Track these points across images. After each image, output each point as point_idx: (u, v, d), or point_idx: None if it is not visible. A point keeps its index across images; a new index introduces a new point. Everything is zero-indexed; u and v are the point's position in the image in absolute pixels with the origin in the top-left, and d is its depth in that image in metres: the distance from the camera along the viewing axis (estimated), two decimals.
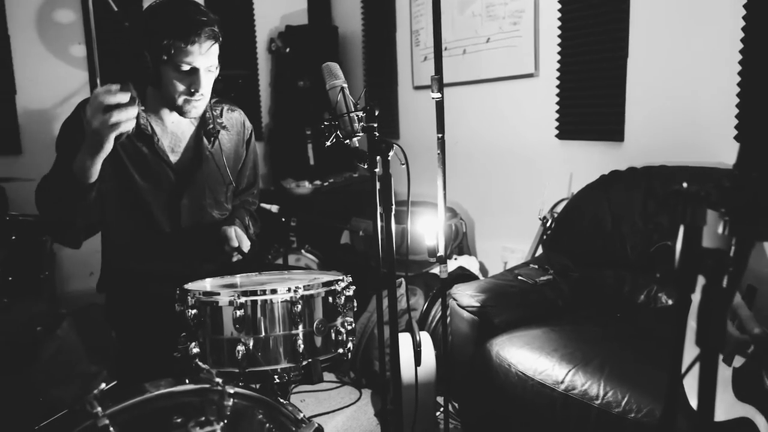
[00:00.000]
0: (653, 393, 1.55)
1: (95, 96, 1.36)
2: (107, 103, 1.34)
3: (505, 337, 2.00)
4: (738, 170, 0.79)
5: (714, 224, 0.77)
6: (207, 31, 1.57)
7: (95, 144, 1.40)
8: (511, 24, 3.09)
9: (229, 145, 1.90)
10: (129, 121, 1.37)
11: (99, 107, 1.34)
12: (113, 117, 1.34)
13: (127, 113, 1.36)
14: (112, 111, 1.34)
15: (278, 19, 4.34)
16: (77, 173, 1.46)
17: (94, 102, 1.35)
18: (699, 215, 0.77)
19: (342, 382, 2.77)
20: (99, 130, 1.36)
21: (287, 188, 3.95)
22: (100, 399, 0.98)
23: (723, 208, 0.76)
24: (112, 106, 1.34)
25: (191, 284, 1.50)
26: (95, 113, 1.35)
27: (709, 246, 0.76)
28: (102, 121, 1.34)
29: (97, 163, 1.46)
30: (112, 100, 1.34)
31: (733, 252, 0.74)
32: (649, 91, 2.54)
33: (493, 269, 3.34)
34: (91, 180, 1.49)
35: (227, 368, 1.34)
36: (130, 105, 1.36)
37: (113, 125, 1.35)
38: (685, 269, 0.76)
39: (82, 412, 0.97)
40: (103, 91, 1.35)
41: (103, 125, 1.35)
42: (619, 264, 2.35)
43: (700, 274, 0.76)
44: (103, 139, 1.38)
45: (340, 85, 1.45)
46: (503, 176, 3.30)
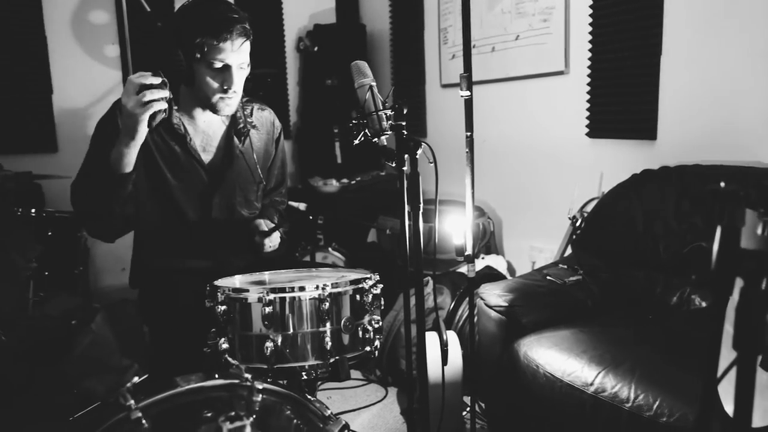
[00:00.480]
0: (686, 397, 1.52)
1: (129, 80, 1.45)
2: (140, 83, 1.43)
3: (533, 338, 1.98)
4: None
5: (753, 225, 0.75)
6: (239, 28, 1.59)
7: (130, 127, 1.47)
8: (540, 21, 3.05)
9: (259, 143, 1.92)
10: (161, 102, 1.45)
11: (133, 88, 1.44)
12: (146, 96, 1.42)
13: (159, 93, 1.44)
14: (145, 91, 1.42)
15: (307, 18, 4.37)
16: (114, 164, 1.52)
17: (128, 86, 1.45)
18: (737, 215, 0.75)
19: (368, 380, 2.77)
20: (133, 110, 1.44)
21: (315, 186, 3.97)
22: (133, 392, 1.00)
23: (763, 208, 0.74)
24: (145, 86, 1.43)
25: (221, 280, 1.52)
26: (129, 95, 1.44)
27: (748, 247, 0.74)
28: (136, 100, 1.43)
29: (132, 151, 1.52)
30: (146, 81, 1.43)
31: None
32: (683, 88, 2.48)
33: (521, 269, 3.31)
34: (128, 170, 1.54)
35: (256, 364, 1.35)
36: (162, 87, 1.46)
37: (146, 104, 1.43)
38: (723, 271, 0.74)
39: (116, 405, 0.99)
40: (137, 75, 1.45)
41: (136, 105, 1.43)
42: (651, 265, 2.30)
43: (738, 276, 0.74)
44: (137, 120, 1.45)
45: (369, 83, 1.45)
46: (532, 175, 3.26)
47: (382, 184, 4.01)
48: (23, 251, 2.52)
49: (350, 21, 4.46)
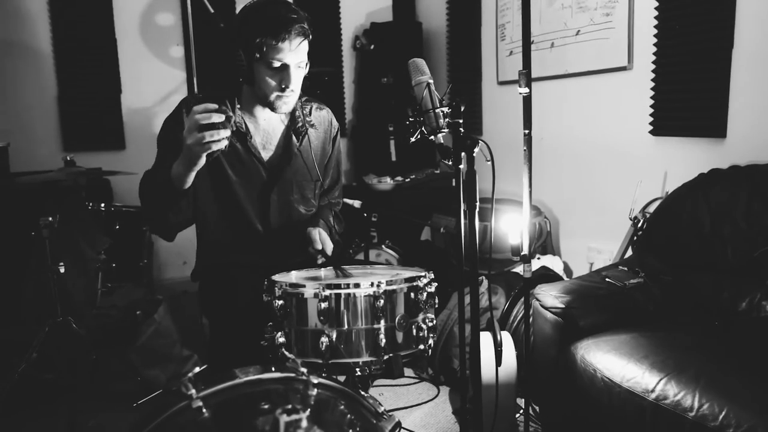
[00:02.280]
0: (756, 408, 1.44)
1: (192, 114, 1.42)
2: (202, 123, 1.40)
3: (591, 341, 1.92)
4: None
5: None
6: (297, 28, 1.62)
7: (189, 159, 1.49)
8: (603, 15, 2.96)
9: (317, 142, 1.95)
10: (222, 141, 1.42)
11: (195, 125, 1.41)
12: (207, 137, 1.40)
13: (220, 134, 1.41)
14: (206, 131, 1.40)
15: (363, 17, 4.39)
16: (174, 180, 1.56)
17: (191, 120, 1.42)
18: None
19: (420, 378, 2.77)
20: (192, 147, 1.43)
21: (369, 184, 3.99)
22: (194, 381, 1.03)
23: None
24: (207, 126, 1.40)
25: (278, 276, 1.55)
26: (191, 131, 1.42)
27: None
28: (197, 139, 1.41)
29: (190, 175, 1.55)
30: (207, 120, 1.40)
31: None
32: (756, 83, 2.36)
33: (578, 270, 3.22)
34: (185, 187, 1.58)
35: (311, 359, 1.37)
36: (224, 126, 1.42)
37: (206, 144, 1.41)
38: None
39: (177, 393, 1.02)
40: (201, 109, 1.42)
41: (197, 143, 1.42)
42: (718, 268, 2.20)
43: None
44: (197, 156, 1.47)
45: (426, 81, 1.45)
46: (591, 174, 3.17)
47: (436, 182, 4.00)
48: (93, 244, 2.65)
49: (406, 19, 4.45)
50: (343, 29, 4.31)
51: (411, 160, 4.08)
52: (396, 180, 3.97)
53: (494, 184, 1.48)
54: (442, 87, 1.51)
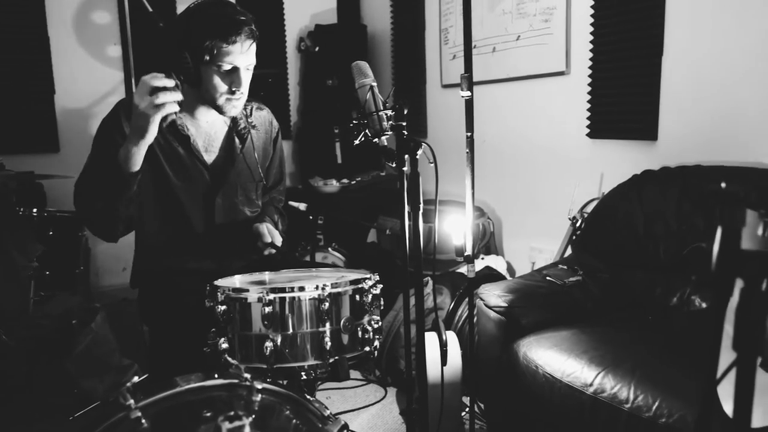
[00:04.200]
0: (685, 398, 1.52)
1: (143, 81, 1.44)
2: (154, 85, 1.42)
3: (533, 338, 1.98)
4: None
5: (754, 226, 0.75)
6: (247, 30, 1.60)
7: (141, 127, 1.47)
8: (542, 21, 3.05)
9: (259, 143, 1.92)
10: (173, 104, 1.45)
11: (146, 90, 1.43)
12: (159, 98, 1.42)
13: (173, 96, 1.44)
14: (158, 93, 1.42)
15: (308, 18, 4.37)
16: (122, 162, 1.52)
17: (141, 87, 1.44)
18: (738, 216, 0.75)
19: (367, 380, 2.77)
20: (145, 111, 1.43)
21: (315, 186, 3.97)
22: (133, 391, 1.00)
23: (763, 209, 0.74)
24: (158, 88, 1.43)
25: (221, 280, 1.52)
26: (142, 95, 1.44)
27: (749, 248, 0.74)
28: (149, 101, 1.43)
29: (141, 150, 1.52)
30: (159, 83, 1.43)
31: None
32: (684, 88, 2.48)
33: (521, 269, 3.31)
34: (135, 168, 1.54)
35: (255, 364, 1.35)
36: (175, 89, 1.46)
37: (159, 106, 1.43)
38: (723, 272, 0.74)
39: (115, 404, 0.99)
40: (150, 76, 1.45)
41: (149, 106, 1.43)
42: (652, 266, 2.30)
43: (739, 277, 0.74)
44: (149, 121, 1.45)
45: (370, 83, 1.46)
46: (532, 175, 3.26)
47: (382, 185, 4.01)
48: (24, 251, 2.52)
49: (351, 21, 4.46)
50: (287, 31, 4.28)
51: (357, 162, 4.08)
52: (342, 182, 3.96)
53: (437, 186, 1.50)
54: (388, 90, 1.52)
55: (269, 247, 1.77)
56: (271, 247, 1.77)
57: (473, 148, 1.89)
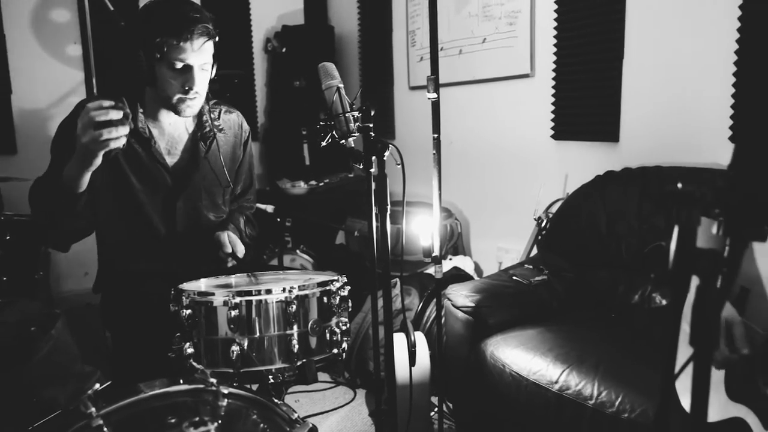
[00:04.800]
0: (647, 393, 1.56)
1: (86, 111, 1.34)
2: (98, 120, 1.32)
3: (500, 338, 2.00)
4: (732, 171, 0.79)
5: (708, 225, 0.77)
6: (200, 28, 1.57)
7: (84, 159, 1.39)
8: (507, 24, 3.09)
9: (226, 147, 1.90)
10: (120, 140, 1.35)
11: (90, 123, 1.33)
12: (104, 134, 1.33)
13: (118, 131, 1.34)
14: (103, 128, 1.33)
15: (275, 19, 4.33)
16: (66, 182, 1.46)
17: (84, 117, 1.34)
18: (693, 216, 0.77)
19: (336, 382, 2.76)
20: (88, 146, 1.35)
21: (283, 188, 3.94)
22: (94, 399, 0.98)
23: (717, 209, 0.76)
24: (102, 123, 1.33)
25: (186, 284, 1.50)
26: (86, 129, 1.34)
27: (704, 246, 0.76)
28: (92, 137, 1.33)
29: (85, 176, 1.45)
30: (103, 117, 1.32)
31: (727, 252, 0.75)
32: (644, 92, 2.55)
33: (488, 269, 3.34)
34: (79, 190, 1.48)
35: (222, 368, 1.33)
36: (122, 123, 1.34)
37: (103, 142, 1.34)
38: (680, 270, 0.76)
39: (76, 413, 0.97)
40: (95, 106, 1.34)
41: (92, 141, 1.34)
42: (614, 264, 2.36)
43: (695, 275, 0.76)
44: (92, 156, 1.38)
45: (336, 85, 1.45)
46: (499, 176, 3.30)
47: (350, 186, 4.00)
48: None
49: (318, 22, 4.44)
50: (254, 31, 4.23)
51: (325, 164, 4.06)
52: (310, 184, 3.94)
53: (405, 187, 1.51)
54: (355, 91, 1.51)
55: (231, 258, 1.74)
56: (232, 258, 1.74)
57: (440, 149, 1.91)
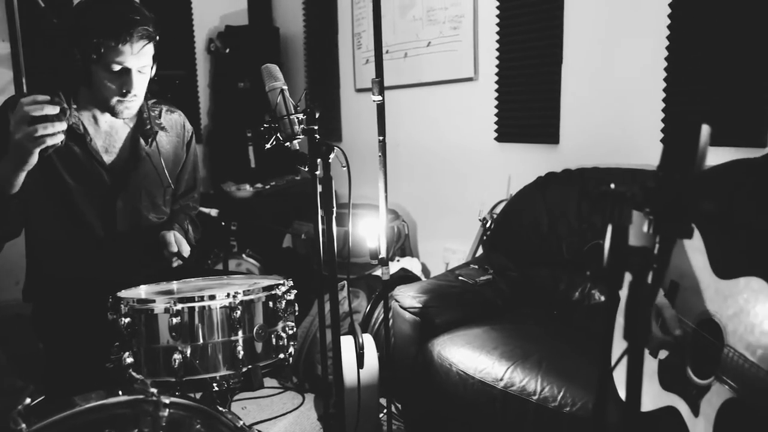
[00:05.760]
0: (587, 386, 1.61)
1: (20, 106, 1.28)
2: (33, 115, 1.26)
3: (447, 337, 2.03)
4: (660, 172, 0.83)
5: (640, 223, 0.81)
6: (140, 30, 1.52)
7: (18, 157, 1.33)
8: (451, 29, 3.14)
9: (168, 147, 1.85)
10: (56, 136, 1.30)
11: (24, 119, 1.27)
12: (39, 131, 1.27)
13: (54, 127, 1.28)
14: (38, 124, 1.27)
15: (218, 19, 4.25)
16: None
17: (18, 112, 1.27)
18: (625, 215, 0.80)
19: (284, 387, 2.73)
20: (22, 143, 1.29)
21: (227, 191, 3.87)
22: (25, 415, 0.93)
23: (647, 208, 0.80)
24: (38, 119, 1.27)
25: (125, 291, 1.45)
26: (19, 125, 1.28)
27: (635, 244, 0.80)
28: (26, 134, 1.27)
29: (19, 176, 1.39)
30: (39, 113, 1.27)
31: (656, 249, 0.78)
32: (582, 96, 2.64)
33: (435, 270, 3.38)
34: (13, 191, 1.41)
35: (163, 378, 1.30)
36: (59, 119, 1.29)
37: (38, 139, 1.28)
38: (613, 267, 0.80)
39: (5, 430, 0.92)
40: (29, 101, 1.28)
41: (27, 138, 1.28)
42: (556, 263, 2.43)
43: (627, 271, 0.80)
44: (27, 154, 1.31)
45: (280, 87, 1.44)
46: (445, 178, 3.35)
47: (297, 189, 3.97)
48: None
49: (263, 23, 4.39)
50: (196, 31, 4.14)
51: (271, 166, 4.01)
52: (256, 187, 3.88)
53: (350, 190, 1.51)
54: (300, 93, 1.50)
55: (176, 257, 1.69)
56: (177, 258, 1.70)
57: (385, 151, 1.92)
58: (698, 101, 2.21)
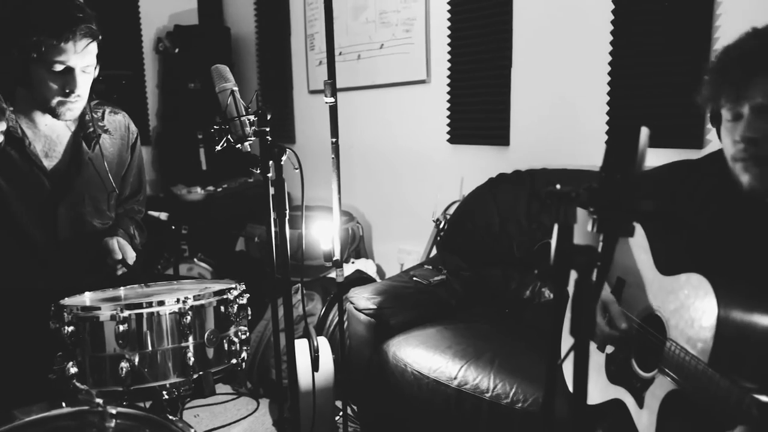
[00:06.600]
0: (538, 382, 1.65)
1: None
2: None
3: (402, 338, 2.04)
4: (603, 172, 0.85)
5: (584, 222, 0.83)
6: (83, 28, 1.47)
7: None
8: (403, 31, 3.16)
9: (112, 149, 1.79)
10: None
11: None
12: None
13: None
14: None
15: (166, 18, 4.15)
16: None
17: None
18: (570, 214, 0.83)
19: (238, 393, 2.69)
20: None
21: (178, 194, 3.78)
22: None
23: (591, 208, 0.83)
24: None
25: (68, 299, 1.40)
26: None
27: (580, 243, 0.82)
28: None
29: None
30: None
31: (600, 248, 0.81)
32: (531, 98, 2.70)
33: (390, 271, 3.39)
34: None
35: (110, 387, 1.26)
36: None
37: None
38: (559, 265, 0.82)
39: None
40: None
41: None
42: (507, 262, 2.47)
43: (573, 269, 0.82)
44: None
45: (231, 88, 1.42)
46: (398, 180, 3.36)
47: (250, 191, 3.92)
48: None
49: (214, 23, 4.31)
50: (143, 30, 4.03)
51: (223, 168, 3.94)
52: (207, 190, 3.81)
53: (303, 192, 1.51)
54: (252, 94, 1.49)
55: (120, 265, 1.64)
56: (122, 265, 1.65)
57: (339, 153, 1.91)
58: (640, 105, 2.30)
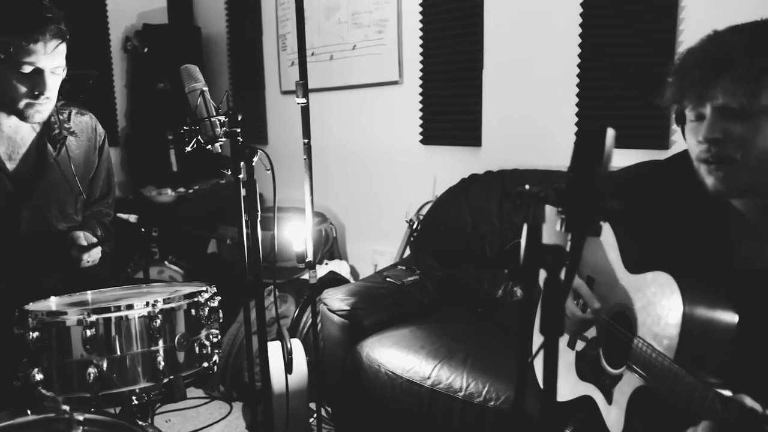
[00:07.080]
0: (510, 381, 1.67)
1: None
2: None
3: (375, 339, 2.04)
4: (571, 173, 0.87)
5: (553, 222, 0.84)
6: (53, 29, 1.44)
7: None
8: (376, 32, 3.17)
9: (79, 152, 1.75)
10: None
11: None
12: None
13: None
14: None
15: (135, 17, 4.08)
16: None
17: None
18: (539, 214, 0.84)
19: (211, 397, 2.66)
20: None
21: (148, 196, 3.72)
22: None
23: (559, 208, 0.84)
24: None
25: (33, 304, 1.36)
26: None
27: (549, 242, 0.83)
28: None
29: None
30: None
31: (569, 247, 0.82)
32: (502, 100, 2.73)
33: (364, 272, 3.39)
34: None
35: (77, 393, 1.24)
36: None
37: None
38: (529, 264, 0.83)
39: None
40: None
41: None
42: (480, 262, 2.49)
43: (542, 268, 0.83)
44: None
45: (200, 88, 1.41)
46: (372, 180, 3.37)
47: (222, 192, 3.87)
48: None
49: (184, 22, 4.25)
50: (111, 29, 3.95)
51: (194, 169, 3.89)
52: (178, 191, 3.76)
53: (275, 193, 1.50)
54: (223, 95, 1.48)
55: (86, 251, 1.61)
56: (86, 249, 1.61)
57: (311, 154, 1.91)
58: (608, 107, 2.34)
